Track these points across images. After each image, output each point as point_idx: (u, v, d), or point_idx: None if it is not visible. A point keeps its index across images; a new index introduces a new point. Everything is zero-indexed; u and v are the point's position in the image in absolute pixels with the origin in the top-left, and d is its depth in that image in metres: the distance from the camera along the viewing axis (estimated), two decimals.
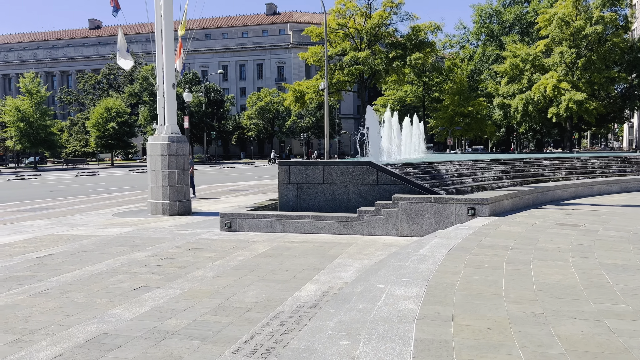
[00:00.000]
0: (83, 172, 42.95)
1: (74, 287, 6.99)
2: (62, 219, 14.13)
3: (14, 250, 9.69)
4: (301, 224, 10.99)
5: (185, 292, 6.65)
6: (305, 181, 11.90)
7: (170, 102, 14.76)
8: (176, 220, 13.35)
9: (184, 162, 14.69)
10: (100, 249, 9.64)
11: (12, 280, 7.42)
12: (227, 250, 9.30)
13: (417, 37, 30.79)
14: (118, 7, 14.60)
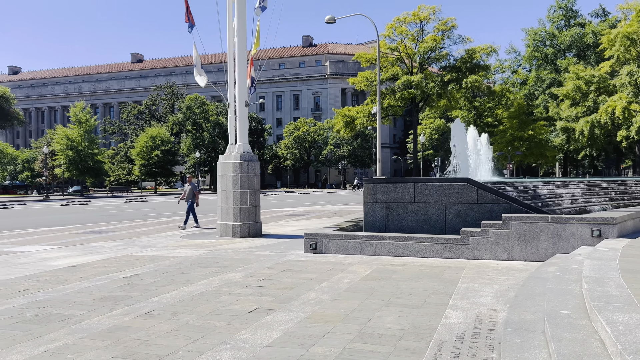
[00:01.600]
0: (130, 198, 43.27)
1: (181, 309, 6.23)
2: (130, 241, 13.62)
3: (96, 270, 9.10)
4: (395, 246, 10.06)
5: (310, 316, 5.79)
6: (394, 200, 11.03)
7: (242, 120, 14.29)
8: (250, 242, 12.62)
9: (255, 182, 14.07)
10: (187, 270, 8.94)
11: (109, 300, 6.74)
12: (325, 272, 8.44)
13: (473, 60, 30.04)
14: (193, 23, 14.42)
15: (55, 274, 8.81)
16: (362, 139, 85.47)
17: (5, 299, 6.90)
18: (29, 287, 7.70)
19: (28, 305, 6.57)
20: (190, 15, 14.25)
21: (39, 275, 8.71)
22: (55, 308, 6.38)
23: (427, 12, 31.35)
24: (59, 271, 9.06)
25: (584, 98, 30.97)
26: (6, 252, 11.83)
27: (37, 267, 9.47)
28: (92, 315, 6.02)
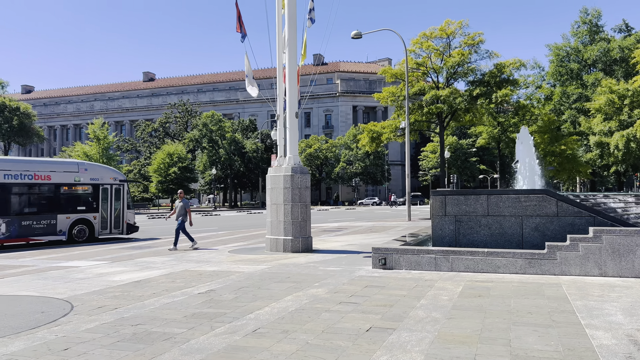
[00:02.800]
0: (152, 215, 42.84)
1: (288, 327, 5.72)
2: (179, 255, 13.14)
3: (165, 286, 8.60)
4: (474, 261, 9.51)
5: (439, 336, 5.26)
6: (465, 213, 10.51)
7: (292, 132, 13.91)
8: (306, 257, 12.09)
9: (307, 195, 13.60)
10: (263, 285, 8.43)
11: (202, 318, 6.24)
12: (412, 289, 7.89)
13: (502, 74, 29.71)
14: (245, 33, 14.16)
15: (124, 289, 8.33)
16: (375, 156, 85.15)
17: (89, 316, 6.41)
18: (104, 303, 7.22)
19: (117, 322, 6.08)
20: (243, 26, 13.99)
21: (107, 290, 8.22)
22: (149, 326, 5.88)
23: (454, 27, 31.22)
24: (125, 286, 8.58)
25: (618, 112, 30.51)
26: (57, 267, 11.38)
27: (100, 283, 8.99)
28: (195, 333, 5.52)
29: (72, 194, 18.72)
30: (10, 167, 17.34)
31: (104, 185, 19.46)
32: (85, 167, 19.54)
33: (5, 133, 41.28)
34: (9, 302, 7.40)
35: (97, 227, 19.07)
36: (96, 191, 19.25)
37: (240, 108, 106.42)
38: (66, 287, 8.57)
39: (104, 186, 19.43)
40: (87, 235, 18.69)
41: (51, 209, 18.03)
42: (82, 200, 18.93)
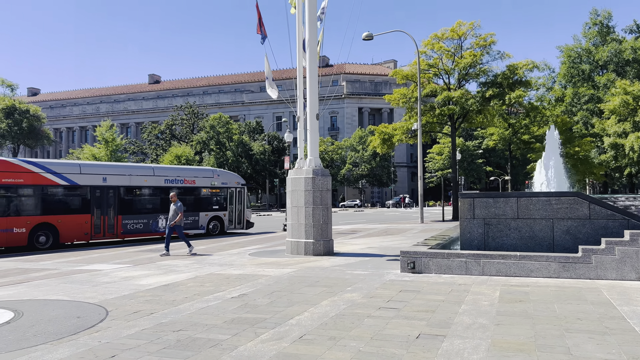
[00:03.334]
0: None
1: (334, 333, 5.58)
2: (200, 259, 13.03)
3: (195, 290, 8.48)
4: (506, 265, 9.35)
5: (493, 344, 5.11)
6: (495, 216, 10.35)
7: (313, 134, 13.78)
8: (330, 261, 11.95)
9: (328, 198, 13.47)
10: (295, 289, 8.29)
11: (243, 323, 6.11)
12: (449, 294, 7.74)
13: (515, 76, 29.49)
14: (265, 34, 14.06)
15: (154, 293, 8.21)
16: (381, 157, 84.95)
17: (126, 321, 6.30)
18: (138, 308, 7.10)
19: (157, 328, 5.96)
20: (263, 27, 13.90)
21: (137, 295, 8.11)
22: (191, 332, 5.76)
23: (466, 27, 31.00)
24: (154, 290, 8.47)
25: (633, 113, 30.26)
26: (80, 270, 11.28)
27: (128, 287, 8.88)
28: (241, 340, 5.39)
29: (209, 196, 22.40)
30: (168, 173, 21.18)
31: (231, 188, 23.06)
32: (217, 173, 23.23)
33: (15, 135, 41.35)
34: (42, 306, 7.29)
35: (226, 223, 22.65)
36: (225, 193, 22.88)
37: (245, 110, 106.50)
38: (95, 291, 8.46)
39: (230, 189, 23.04)
40: (219, 230, 22.32)
41: (195, 208, 21.54)
42: (215, 201, 22.57)
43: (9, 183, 16.85)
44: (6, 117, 40.67)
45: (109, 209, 19.21)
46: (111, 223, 19.14)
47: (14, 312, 6.88)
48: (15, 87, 42.85)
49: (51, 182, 17.74)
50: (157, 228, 20.20)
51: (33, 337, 5.63)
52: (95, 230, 18.71)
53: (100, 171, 19.53)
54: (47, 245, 17.25)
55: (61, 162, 20.16)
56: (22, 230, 16.80)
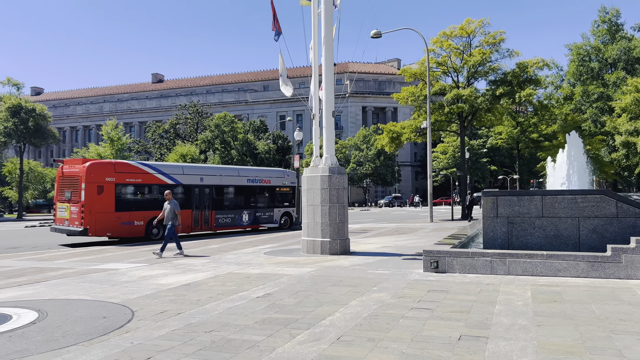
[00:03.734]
0: None
1: (372, 334, 5.42)
2: (216, 257, 12.88)
3: (217, 289, 8.33)
4: (532, 264, 9.17)
5: (540, 345, 4.95)
6: (518, 214, 10.17)
7: (329, 132, 13.61)
8: (348, 260, 11.79)
9: (344, 196, 13.30)
10: (320, 289, 8.13)
11: (275, 324, 5.95)
12: (478, 294, 7.57)
13: (525, 74, 29.26)
14: (280, 31, 13.90)
15: (176, 293, 8.06)
16: (385, 156, 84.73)
17: (154, 322, 6.14)
18: (164, 308, 6.95)
19: (188, 328, 5.80)
20: (278, 24, 13.73)
21: (160, 294, 7.95)
22: (223, 332, 5.60)
23: (474, 25, 30.78)
24: (176, 290, 8.31)
25: None
26: (95, 269, 11.15)
27: (149, 286, 8.73)
28: (277, 341, 5.23)
29: (281, 194, 24.89)
30: (249, 174, 23.70)
31: (298, 187, 25.26)
32: (287, 174, 25.79)
33: (21, 134, 41.22)
34: (65, 306, 7.14)
35: (294, 218, 25.18)
36: (293, 191, 25.39)
37: (249, 109, 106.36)
38: (116, 291, 8.31)
39: (297, 187, 25.28)
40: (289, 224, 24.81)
41: (271, 205, 24.26)
42: (286, 198, 25.15)
43: (131, 182, 19.35)
44: (12, 115, 40.55)
45: (205, 205, 21.60)
46: (207, 217, 21.61)
47: (37, 312, 6.74)
48: (22, 85, 42.66)
49: (162, 181, 20.08)
50: (242, 222, 22.85)
51: (62, 338, 5.48)
52: (194, 223, 21.04)
53: (198, 172, 21.99)
54: (159, 236, 19.28)
55: (168, 164, 22.64)
56: (141, 223, 19.24)
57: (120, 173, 19.11)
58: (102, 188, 18.39)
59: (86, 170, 18.17)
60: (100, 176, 18.48)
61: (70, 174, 18.78)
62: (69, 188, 18.67)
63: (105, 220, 18.23)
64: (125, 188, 19.15)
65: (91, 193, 18.08)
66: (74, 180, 18.47)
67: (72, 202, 18.33)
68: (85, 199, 17.86)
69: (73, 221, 18.15)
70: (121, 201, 18.83)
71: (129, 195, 19.30)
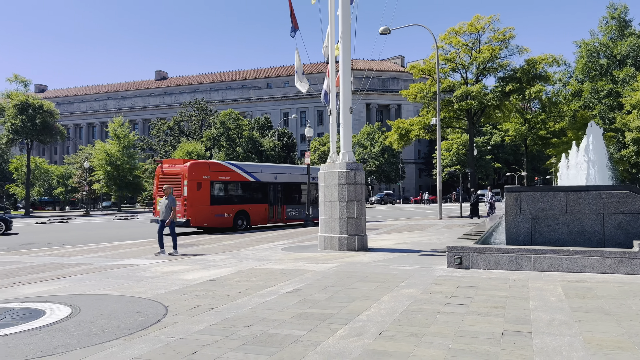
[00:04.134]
0: None
1: (412, 329, 5.39)
2: (234, 253, 12.85)
3: (245, 285, 8.30)
4: (558, 260, 9.13)
5: (587, 341, 4.91)
6: (542, 210, 10.12)
7: (346, 128, 13.57)
8: (367, 256, 11.75)
9: (362, 193, 13.27)
10: (347, 284, 8.10)
11: (313, 319, 5.92)
12: (508, 289, 7.53)
13: (535, 70, 29.14)
14: (297, 27, 13.83)
15: (204, 288, 8.04)
16: (389, 154, 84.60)
17: (190, 317, 6.12)
18: (196, 303, 6.93)
19: (226, 323, 5.78)
20: (294, 20, 13.66)
21: (188, 290, 7.93)
22: (262, 327, 5.57)
23: (484, 22, 30.69)
24: (203, 285, 8.29)
25: None
26: (116, 265, 11.14)
27: (175, 282, 8.71)
28: (319, 336, 5.20)
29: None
30: (312, 173, 25.06)
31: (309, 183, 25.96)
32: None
33: (29, 131, 41.24)
34: (95, 301, 7.13)
35: None
36: None
37: (252, 106, 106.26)
38: (143, 286, 8.30)
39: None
40: None
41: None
42: None
43: (222, 180, 21.96)
44: (20, 112, 40.54)
45: (278, 200, 24.18)
46: (280, 211, 24.30)
47: (70, 307, 6.72)
48: (29, 82, 42.68)
49: (245, 179, 22.66)
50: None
51: (102, 333, 5.46)
52: (270, 215, 23.54)
53: (273, 171, 24.60)
54: (243, 227, 22.03)
55: (249, 164, 24.96)
56: (229, 215, 21.93)
57: (213, 171, 21.81)
58: (200, 185, 20.95)
59: (188, 169, 20.69)
60: (199, 174, 21.02)
61: (171, 172, 21.30)
62: (170, 184, 20.11)
63: (203, 212, 20.84)
64: (218, 185, 21.96)
65: (192, 189, 20.60)
66: (175, 178, 20.82)
67: None
68: (187, 194, 20.37)
69: None
70: (214, 196, 21.57)
71: (220, 190, 22.14)
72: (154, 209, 21.98)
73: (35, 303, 7.06)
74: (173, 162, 22.27)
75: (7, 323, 5.93)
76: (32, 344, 5.07)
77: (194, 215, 20.42)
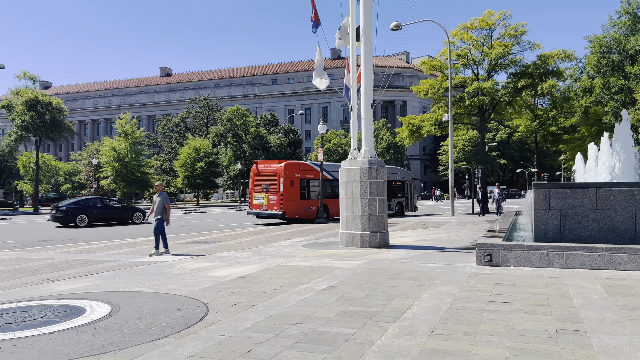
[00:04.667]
0: (186, 210, 42.48)
1: (463, 328, 5.31)
2: (256, 250, 12.81)
3: (279, 282, 8.24)
4: (591, 257, 9.04)
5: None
6: (571, 207, 10.01)
7: (367, 124, 13.47)
8: (391, 253, 11.68)
9: (384, 189, 13.18)
10: (380, 281, 8.04)
11: (358, 316, 5.86)
12: (545, 287, 7.46)
13: (547, 66, 28.93)
14: (318, 22, 13.74)
15: (237, 285, 7.99)
16: (395, 150, 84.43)
17: (233, 314, 6.07)
18: (234, 300, 6.87)
19: (272, 321, 5.72)
20: (316, 15, 13.56)
21: (221, 287, 7.88)
22: (310, 325, 5.52)
23: (495, 17, 30.46)
24: (235, 282, 8.24)
25: None
26: (140, 262, 11.10)
27: (205, 279, 8.66)
28: (371, 334, 5.14)
29: (397, 187, 29.85)
30: None
31: (407, 181, 30.95)
32: (400, 170, 31.28)
33: (38, 128, 41.26)
34: (132, 299, 7.08)
35: (405, 207, 30.33)
36: (404, 185, 30.67)
37: (257, 103, 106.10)
38: (175, 283, 8.25)
39: (407, 182, 30.90)
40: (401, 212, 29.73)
41: (390, 196, 27.27)
42: (399, 191, 30.23)
43: (308, 177, 25.17)
44: (29, 109, 40.54)
45: None
46: None
47: (108, 305, 6.68)
48: (37, 79, 42.70)
49: (325, 177, 25.01)
50: None
51: (148, 331, 5.41)
52: None
53: None
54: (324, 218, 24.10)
55: (328, 164, 27.31)
56: (314, 209, 24.92)
57: (302, 170, 25.20)
58: (292, 182, 24.20)
59: (284, 169, 23.89)
60: (292, 173, 24.32)
61: (267, 171, 24.79)
62: (266, 182, 24.66)
63: (295, 206, 24.08)
64: (305, 182, 25.11)
65: (287, 186, 23.82)
66: (271, 176, 24.40)
67: (270, 192, 24.31)
68: (283, 190, 23.56)
69: (272, 207, 24.15)
70: (303, 192, 24.80)
71: (307, 187, 25.25)
72: (249, 202, 25.26)
73: (72, 300, 7.02)
74: (267, 162, 25.91)
75: (51, 320, 5.90)
76: (83, 342, 5.03)
77: (288, 208, 23.61)
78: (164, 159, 72.12)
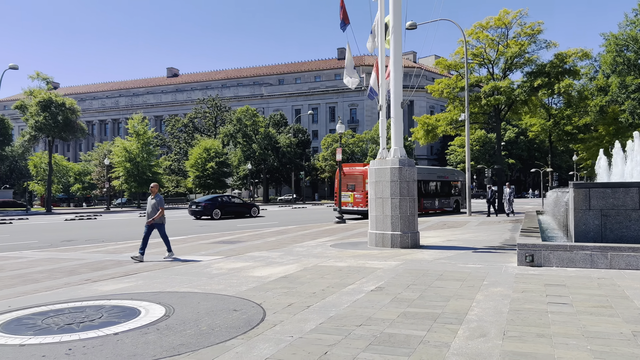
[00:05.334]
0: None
1: (534, 330, 5.22)
2: (287, 250, 12.74)
3: (324, 282, 8.15)
4: (637, 258, 8.91)
5: None
6: (613, 207, 9.87)
7: (397, 123, 13.39)
8: (425, 254, 11.58)
9: (414, 189, 13.08)
10: (428, 282, 7.94)
11: (421, 318, 5.77)
12: (597, 288, 7.35)
13: (564, 65, 28.71)
14: (347, 22, 13.65)
15: (283, 285, 7.92)
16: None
17: (292, 315, 5.99)
18: (287, 300, 6.79)
19: (335, 322, 5.64)
20: (345, 14, 13.47)
21: (266, 287, 7.80)
22: (376, 327, 5.43)
23: (511, 16, 30.27)
24: (279, 282, 8.17)
25: None
26: (175, 262, 11.04)
27: (248, 279, 8.59)
28: (442, 336, 5.05)
29: (452, 186, 33.47)
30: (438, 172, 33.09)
31: (461, 182, 34.02)
32: (454, 172, 34.66)
33: (51, 129, 41.40)
34: (182, 299, 7.02)
35: (460, 205, 33.09)
36: (457, 185, 33.90)
37: (264, 103, 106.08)
38: (219, 283, 8.18)
39: (461, 182, 34.00)
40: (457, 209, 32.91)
41: (447, 194, 32.76)
42: (455, 190, 33.62)
43: None
44: (43, 110, 40.69)
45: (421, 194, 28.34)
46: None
47: (160, 305, 6.62)
48: (50, 79, 42.88)
49: None
50: (434, 206, 31.30)
51: (212, 332, 5.34)
52: None
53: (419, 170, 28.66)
54: None
55: None
56: None
57: None
58: None
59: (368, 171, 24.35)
60: None
61: (352, 173, 28.02)
62: (352, 182, 27.75)
63: None
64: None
65: None
66: (357, 177, 27.57)
67: (355, 191, 27.66)
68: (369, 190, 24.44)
69: (357, 204, 27.55)
70: None
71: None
72: (336, 200, 26.25)
73: (123, 301, 6.96)
74: (352, 165, 28.97)
75: (110, 321, 5.84)
76: (151, 343, 4.96)
77: None
78: (172, 159, 72.23)
